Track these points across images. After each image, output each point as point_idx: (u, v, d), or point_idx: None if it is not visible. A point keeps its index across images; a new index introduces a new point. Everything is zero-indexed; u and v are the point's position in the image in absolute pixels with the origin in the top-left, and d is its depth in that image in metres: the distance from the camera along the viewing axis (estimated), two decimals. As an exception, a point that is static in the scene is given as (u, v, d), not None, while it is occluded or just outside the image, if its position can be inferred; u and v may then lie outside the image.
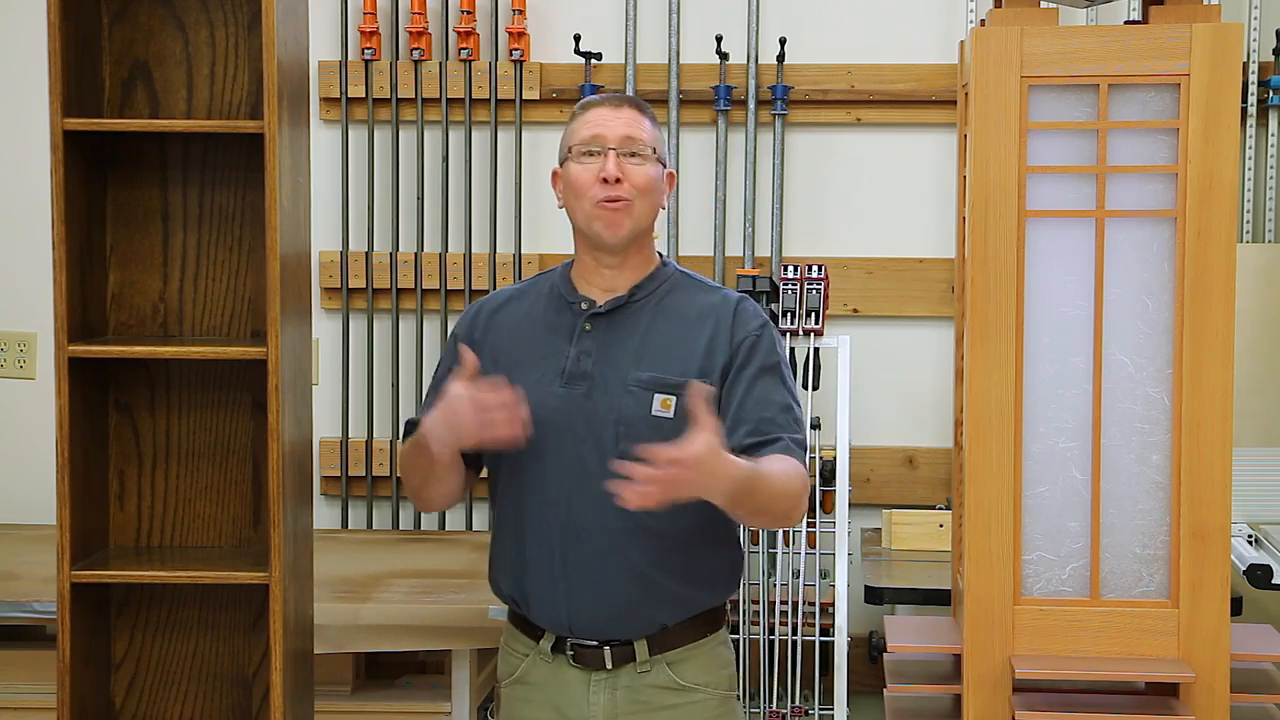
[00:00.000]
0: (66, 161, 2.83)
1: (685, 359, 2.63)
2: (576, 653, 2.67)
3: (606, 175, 2.60)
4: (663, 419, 2.58)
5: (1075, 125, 3.01)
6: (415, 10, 4.78)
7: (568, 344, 2.66)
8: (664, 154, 2.70)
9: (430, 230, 4.88)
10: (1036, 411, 3.03)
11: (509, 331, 2.71)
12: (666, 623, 2.66)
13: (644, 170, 2.64)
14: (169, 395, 3.04)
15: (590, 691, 2.66)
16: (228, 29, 3.01)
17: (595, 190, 2.61)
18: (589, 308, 2.67)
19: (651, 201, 2.66)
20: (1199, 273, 2.97)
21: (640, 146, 2.64)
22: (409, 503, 4.89)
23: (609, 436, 2.59)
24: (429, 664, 4.31)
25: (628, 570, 2.62)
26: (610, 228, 2.62)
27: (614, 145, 2.62)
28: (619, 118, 2.64)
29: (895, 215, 4.83)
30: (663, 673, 2.67)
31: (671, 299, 2.69)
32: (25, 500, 4.78)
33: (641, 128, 2.65)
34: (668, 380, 2.61)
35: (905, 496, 4.76)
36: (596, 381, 2.62)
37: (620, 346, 2.64)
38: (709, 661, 2.71)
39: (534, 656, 2.71)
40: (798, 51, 4.78)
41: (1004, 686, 3.02)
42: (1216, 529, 2.99)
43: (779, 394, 2.65)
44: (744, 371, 2.64)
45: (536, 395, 2.61)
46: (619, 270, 2.68)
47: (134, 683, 3.07)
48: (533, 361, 2.67)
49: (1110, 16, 4.47)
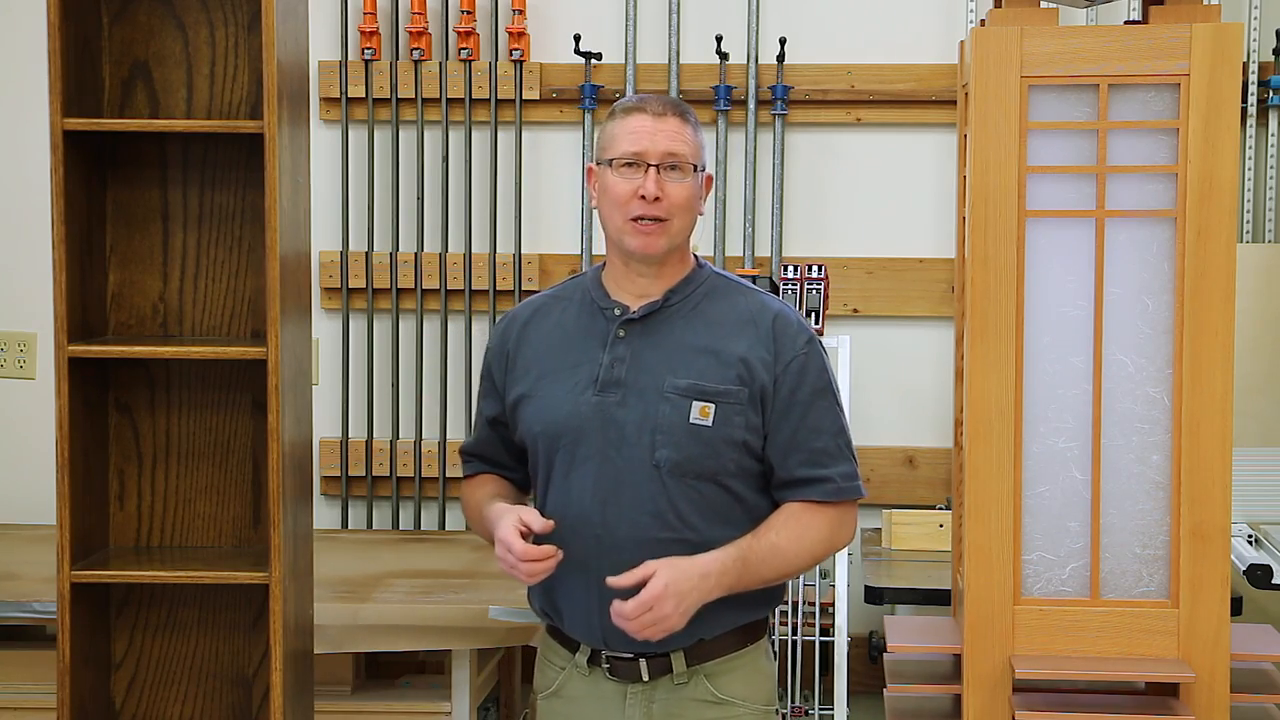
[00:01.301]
0: (66, 161, 2.83)
1: (724, 366, 2.57)
2: (612, 665, 2.60)
3: (646, 193, 2.53)
4: (701, 427, 2.54)
5: (1075, 125, 3.01)
6: (415, 10, 4.78)
7: (601, 351, 2.59)
8: (704, 160, 2.61)
9: (430, 230, 4.88)
10: (1036, 411, 3.03)
11: (541, 340, 2.65)
12: (704, 636, 2.59)
13: (684, 186, 2.56)
14: (169, 395, 3.04)
15: (626, 705, 2.61)
16: (228, 29, 3.01)
17: (633, 205, 2.54)
18: (622, 314, 2.61)
19: (690, 216, 2.59)
20: (1199, 273, 2.97)
21: (682, 161, 2.55)
22: (409, 502, 4.90)
23: (645, 445, 2.54)
24: (429, 664, 4.31)
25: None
26: (645, 247, 2.56)
27: (655, 161, 2.54)
28: (662, 130, 2.55)
29: (895, 215, 4.83)
30: (700, 685, 2.60)
31: (708, 303, 2.63)
32: (25, 500, 4.78)
33: (684, 139, 2.56)
34: (706, 388, 2.55)
35: (905, 496, 4.76)
36: (631, 389, 2.56)
37: (655, 353, 2.58)
38: (749, 674, 2.64)
39: (570, 669, 2.65)
40: (798, 51, 4.78)
41: (1004, 686, 3.02)
42: (1216, 529, 2.99)
43: (830, 418, 2.61)
44: (796, 395, 2.58)
45: (570, 404, 2.57)
46: (654, 278, 2.61)
47: (134, 683, 3.07)
48: (565, 370, 2.61)
49: (1110, 16, 4.47)
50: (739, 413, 2.55)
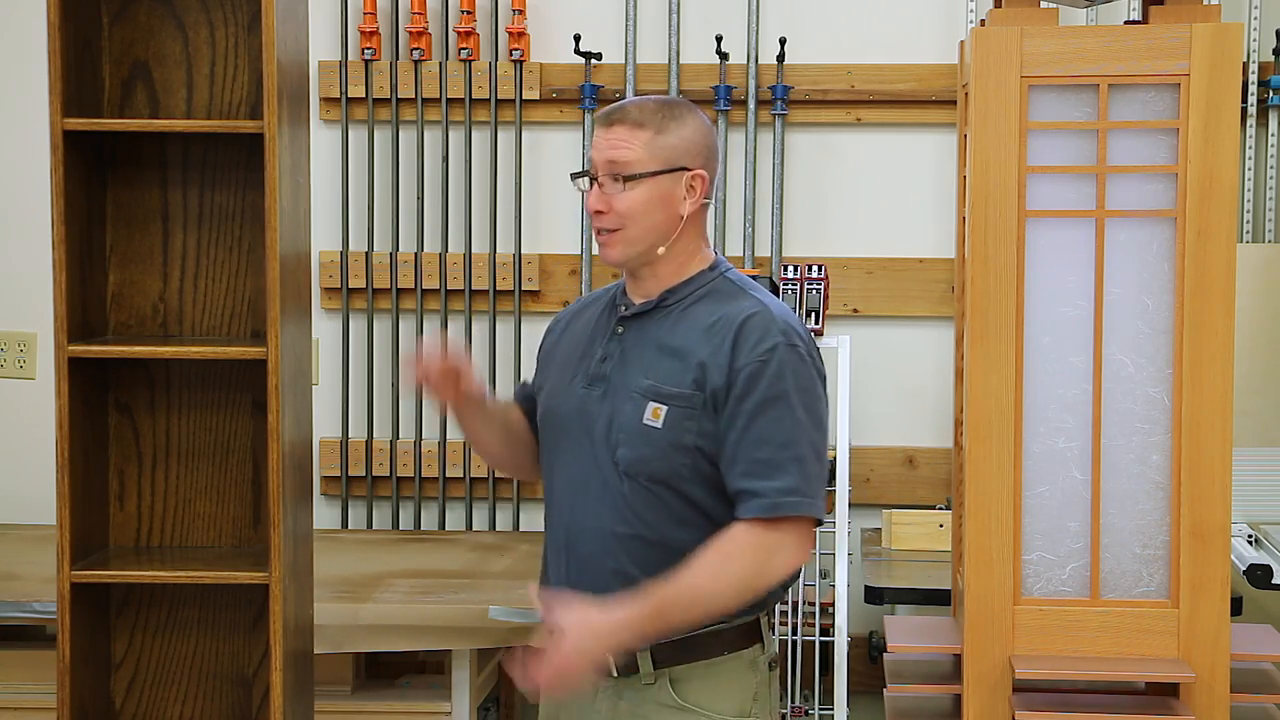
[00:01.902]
0: (66, 161, 2.83)
1: (684, 370, 2.53)
2: None
3: (589, 208, 2.58)
4: (651, 428, 2.51)
5: (1075, 125, 3.01)
6: (415, 10, 4.78)
7: (601, 346, 2.63)
8: (673, 160, 2.55)
9: (430, 230, 4.88)
10: (1036, 411, 3.03)
11: (570, 337, 2.70)
12: (672, 636, 2.52)
13: (629, 196, 2.53)
14: (169, 395, 3.04)
15: (597, 699, 2.58)
16: (228, 29, 3.01)
17: (592, 217, 2.60)
18: (625, 311, 2.62)
19: (647, 222, 2.55)
20: (1199, 273, 2.97)
21: (625, 169, 2.53)
22: (409, 502, 4.90)
23: (610, 441, 2.55)
24: (429, 664, 4.31)
25: (621, 578, 2.53)
26: (604, 257, 2.60)
27: (599, 173, 2.55)
28: (607, 139, 2.55)
29: (895, 215, 4.83)
30: (664, 689, 2.56)
31: (698, 306, 2.59)
32: (25, 500, 4.78)
33: (629, 145, 2.53)
34: (662, 389, 2.53)
35: (905, 496, 4.76)
36: (612, 384, 2.57)
37: (638, 351, 2.59)
38: (720, 682, 2.57)
39: None
40: (798, 51, 4.78)
41: (1004, 686, 3.02)
42: (1216, 529, 2.99)
43: (780, 429, 2.48)
44: (743, 404, 2.50)
45: (562, 394, 2.61)
46: (649, 279, 2.61)
47: (134, 683, 3.07)
48: (573, 362, 2.64)
49: (1110, 16, 4.47)
50: (690, 417, 2.50)
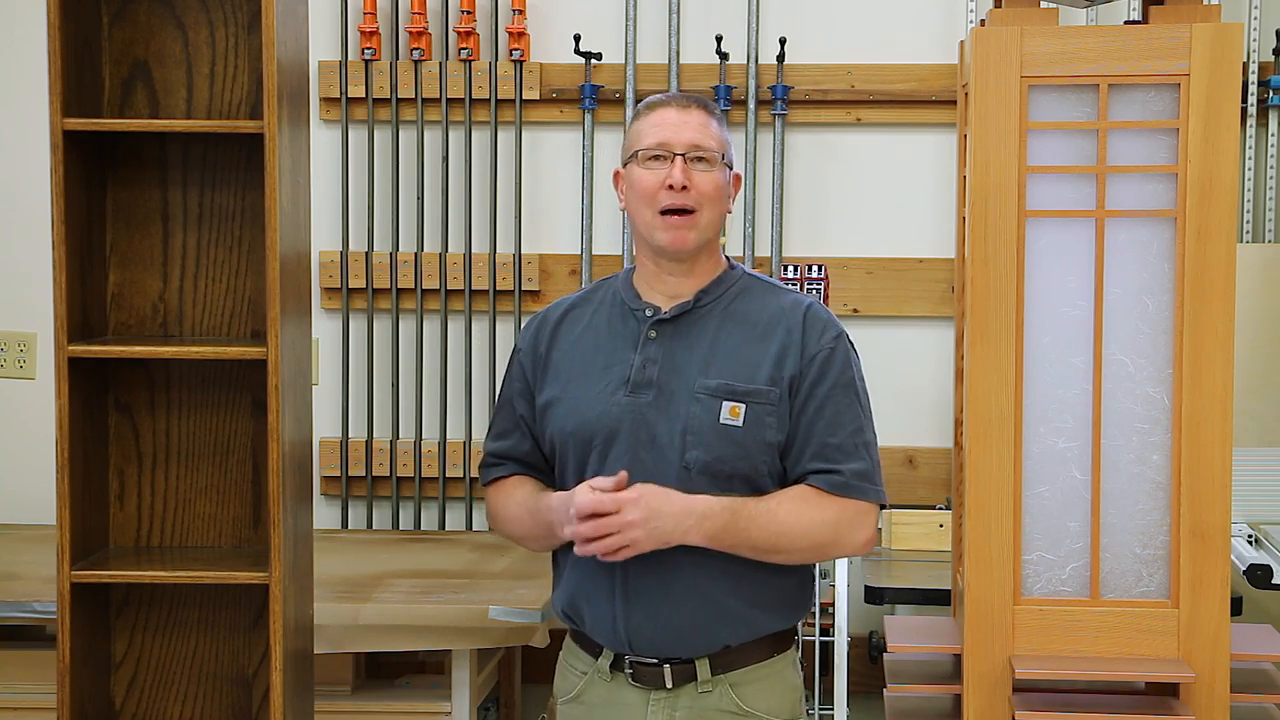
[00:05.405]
0: (66, 161, 2.83)
1: (754, 366, 2.54)
2: (636, 671, 2.56)
3: (673, 182, 2.51)
4: (732, 427, 2.51)
5: (1075, 125, 3.01)
6: (415, 10, 4.78)
7: (632, 352, 2.57)
8: (731, 157, 2.60)
9: (430, 230, 4.88)
10: (1036, 411, 3.03)
11: (572, 343, 2.64)
12: (730, 642, 2.56)
13: (711, 177, 2.55)
14: (169, 395, 3.04)
15: (649, 712, 2.56)
16: (228, 29, 3.01)
17: (661, 197, 2.53)
18: (653, 314, 2.59)
19: (719, 209, 2.57)
20: (1199, 273, 2.97)
21: (708, 152, 2.55)
22: (409, 502, 4.90)
23: (675, 446, 2.52)
24: (429, 664, 4.31)
25: (691, 589, 2.52)
26: (675, 242, 2.54)
27: (681, 151, 2.53)
28: (686, 122, 2.55)
29: (895, 215, 4.83)
30: (725, 695, 2.56)
31: (740, 303, 2.60)
32: (25, 500, 4.78)
33: (709, 132, 2.56)
34: (737, 388, 2.53)
35: (905, 496, 4.76)
36: (663, 389, 2.54)
37: (687, 354, 2.56)
38: (775, 685, 2.60)
39: (592, 675, 2.61)
40: (798, 51, 4.79)
41: (1004, 686, 3.02)
42: (1216, 529, 2.99)
43: (850, 415, 2.58)
44: (817, 389, 2.55)
45: (601, 405, 2.55)
46: (685, 277, 2.60)
47: (134, 683, 3.07)
48: (596, 371, 2.59)
49: (1110, 16, 4.47)
50: (770, 413, 2.53)
